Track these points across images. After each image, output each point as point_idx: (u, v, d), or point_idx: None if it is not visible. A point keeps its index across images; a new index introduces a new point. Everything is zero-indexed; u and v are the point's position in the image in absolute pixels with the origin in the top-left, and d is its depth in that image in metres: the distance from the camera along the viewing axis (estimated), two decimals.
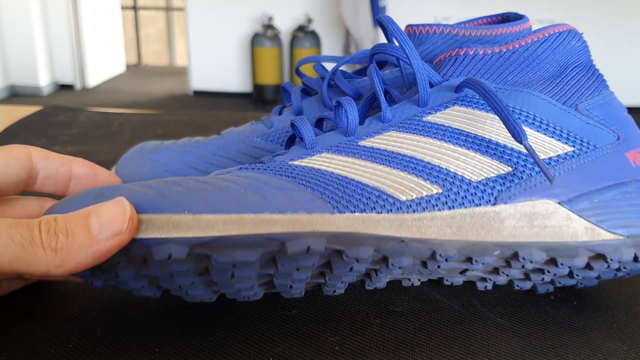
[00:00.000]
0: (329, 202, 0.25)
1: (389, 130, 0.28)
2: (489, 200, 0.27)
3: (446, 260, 0.26)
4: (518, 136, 0.26)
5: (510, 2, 2.75)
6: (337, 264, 0.26)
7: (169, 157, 0.38)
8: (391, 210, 0.26)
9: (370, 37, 2.93)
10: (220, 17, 3.45)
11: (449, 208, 0.27)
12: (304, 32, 3.23)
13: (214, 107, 3.36)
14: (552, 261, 0.28)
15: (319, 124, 0.32)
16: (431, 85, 0.29)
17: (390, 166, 0.27)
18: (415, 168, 0.27)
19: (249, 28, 3.43)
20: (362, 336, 0.27)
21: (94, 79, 3.89)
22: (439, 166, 0.27)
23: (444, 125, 0.28)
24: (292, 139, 0.32)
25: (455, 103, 0.29)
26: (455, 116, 0.28)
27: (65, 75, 3.73)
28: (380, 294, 0.31)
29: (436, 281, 0.32)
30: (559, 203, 0.27)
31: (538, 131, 0.28)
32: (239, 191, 0.25)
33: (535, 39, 0.30)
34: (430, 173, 0.27)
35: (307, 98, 0.39)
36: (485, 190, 0.27)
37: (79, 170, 0.29)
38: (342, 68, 0.38)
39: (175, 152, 0.39)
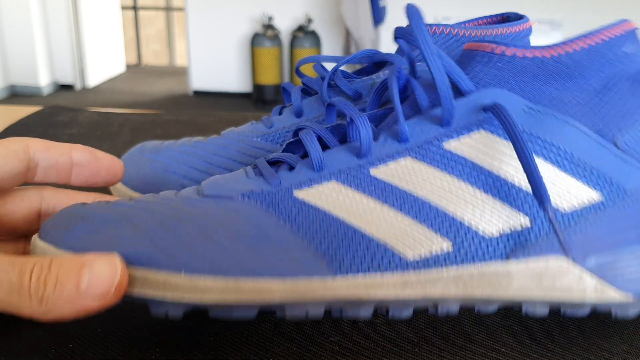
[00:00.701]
0: (331, 263, 0.24)
1: (405, 155, 0.26)
2: (501, 256, 0.25)
3: (447, 311, 0.26)
4: (540, 197, 0.24)
5: (510, 2, 2.75)
6: (335, 315, 0.26)
7: (169, 157, 0.38)
8: (396, 269, 0.25)
9: (370, 37, 2.93)
10: (220, 17, 3.45)
11: (457, 265, 0.25)
12: (304, 32, 3.23)
13: (214, 107, 3.36)
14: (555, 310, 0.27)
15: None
16: (456, 89, 0.26)
17: (402, 212, 0.25)
18: (427, 216, 0.25)
19: (249, 28, 3.43)
20: (361, 336, 0.27)
21: (94, 79, 3.89)
22: (453, 216, 0.25)
23: (464, 159, 0.25)
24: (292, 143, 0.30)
25: (481, 126, 0.26)
26: (479, 144, 0.26)
27: (65, 75, 3.73)
28: None
29: None
30: (573, 260, 0.26)
31: (565, 172, 0.26)
32: (237, 248, 0.24)
33: (585, 47, 0.26)
34: (442, 224, 0.25)
35: (307, 98, 0.39)
36: (498, 245, 0.25)
37: (79, 157, 0.29)
38: (342, 68, 0.38)
39: (175, 152, 0.39)
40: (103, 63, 4.04)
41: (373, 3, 2.92)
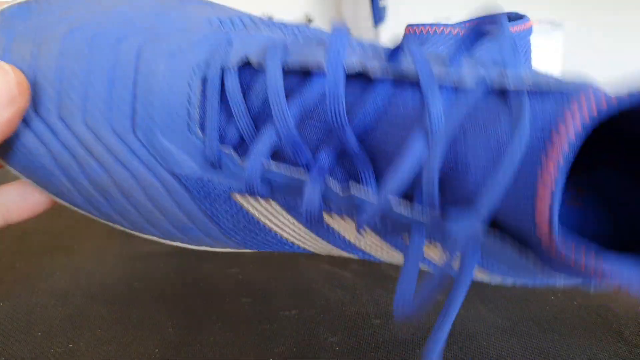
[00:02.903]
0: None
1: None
2: None
3: None
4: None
5: (510, 2, 2.75)
6: None
7: None
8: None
9: (370, 37, 2.92)
10: None
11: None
12: None
13: None
14: None
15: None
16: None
17: (337, 246, 0.22)
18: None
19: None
20: (362, 337, 0.27)
21: None
22: None
23: None
24: None
25: None
26: None
27: None
28: (381, 294, 0.31)
29: None
30: None
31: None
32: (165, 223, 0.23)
33: None
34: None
35: None
36: None
37: None
38: None
39: None
40: None
41: (373, 3, 2.92)
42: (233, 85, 0.21)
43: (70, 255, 0.33)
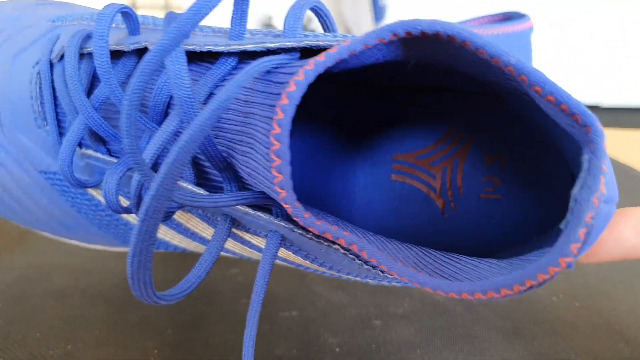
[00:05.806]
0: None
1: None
2: None
3: None
4: None
5: (511, 1, 2.75)
6: None
7: None
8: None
9: None
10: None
11: None
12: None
13: None
14: None
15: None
16: None
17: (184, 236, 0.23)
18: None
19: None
20: (363, 338, 0.27)
21: None
22: None
23: None
24: None
25: None
26: None
27: None
28: (382, 295, 0.31)
29: None
30: None
31: None
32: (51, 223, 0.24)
33: None
34: None
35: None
36: None
37: None
38: None
39: None
40: None
41: (374, 2, 2.92)
42: (57, 76, 0.21)
43: (69, 256, 0.33)
